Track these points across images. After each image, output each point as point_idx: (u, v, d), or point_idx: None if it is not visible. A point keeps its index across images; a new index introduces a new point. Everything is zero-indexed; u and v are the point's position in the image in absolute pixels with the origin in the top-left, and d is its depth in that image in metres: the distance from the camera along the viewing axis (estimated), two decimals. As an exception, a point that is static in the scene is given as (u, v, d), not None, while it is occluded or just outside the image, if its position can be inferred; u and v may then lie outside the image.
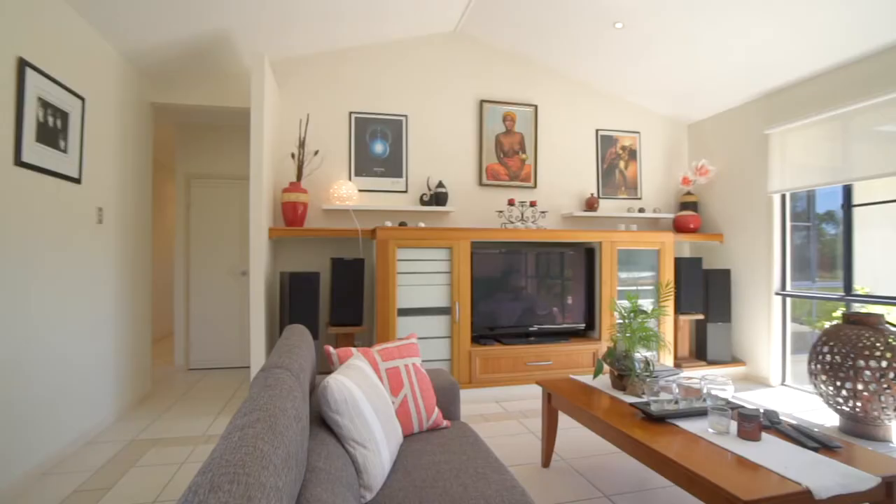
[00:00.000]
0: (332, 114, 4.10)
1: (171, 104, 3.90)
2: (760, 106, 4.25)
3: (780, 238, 4.14)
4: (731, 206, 4.55)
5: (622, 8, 3.48)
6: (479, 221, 4.41)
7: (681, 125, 5.12)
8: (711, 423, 1.84)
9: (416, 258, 3.74)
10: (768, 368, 4.13)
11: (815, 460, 1.58)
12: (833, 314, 5.05)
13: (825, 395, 3.08)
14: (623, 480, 2.44)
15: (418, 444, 1.91)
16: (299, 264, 3.96)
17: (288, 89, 4.02)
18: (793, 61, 3.65)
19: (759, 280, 4.24)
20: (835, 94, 3.61)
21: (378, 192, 4.20)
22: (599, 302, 4.19)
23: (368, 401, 1.69)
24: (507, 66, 4.56)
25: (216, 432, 3.07)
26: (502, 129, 4.58)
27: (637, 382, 2.37)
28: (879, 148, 3.42)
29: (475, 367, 3.81)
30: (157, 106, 3.93)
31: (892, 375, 2.80)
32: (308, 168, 3.87)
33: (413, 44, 4.31)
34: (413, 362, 2.17)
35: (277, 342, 1.73)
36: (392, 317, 3.62)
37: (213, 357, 4.79)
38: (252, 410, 0.91)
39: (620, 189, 4.95)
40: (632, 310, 2.50)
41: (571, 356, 4.04)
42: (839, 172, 3.65)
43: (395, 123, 4.26)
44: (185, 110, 4.14)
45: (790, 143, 4.01)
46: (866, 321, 3.01)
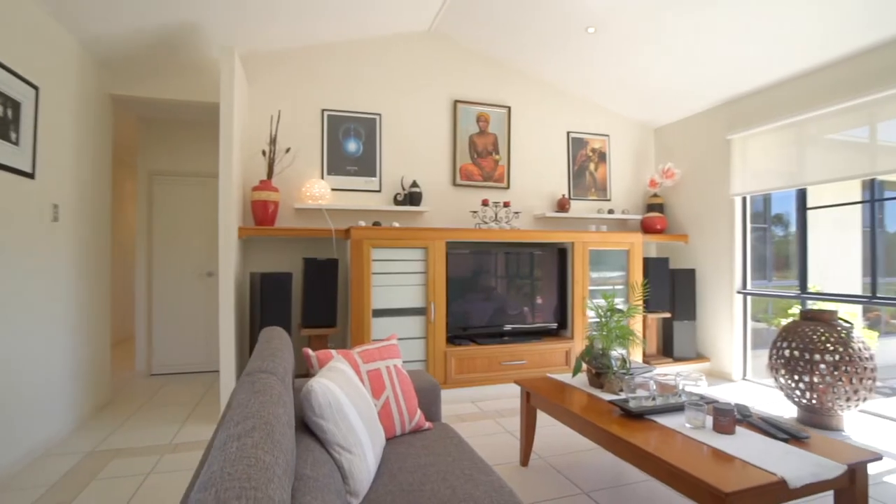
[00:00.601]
0: (305, 111, 4.01)
1: (133, 97, 3.71)
2: (723, 112, 4.42)
3: (741, 239, 4.33)
4: (696, 207, 4.72)
5: (595, 13, 3.55)
6: (454, 221, 4.41)
7: (648, 129, 5.27)
8: (688, 417, 1.90)
9: (391, 258, 3.70)
10: (730, 364, 4.30)
11: (786, 451, 1.65)
12: (788, 311, 5.32)
13: (785, 388, 3.23)
14: (600, 476, 2.48)
15: (402, 447, 1.88)
16: (270, 265, 3.85)
17: (258, 84, 3.90)
18: (753, 71, 3.82)
19: (722, 279, 4.42)
20: (791, 103, 3.80)
21: (351, 191, 4.13)
22: (572, 301, 4.27)
23: (353, 404, 1.65)
24: (481, 66, 4.58)
25: (185, 440, 2.94)
26: (476, 129, 4.60)
27: (614, 380, 2.41)
28: (829, 155, 3.62)
29: (450, 368, 3.80)
30: (118, 98, 3.74)
31: (844, 368, 2.97)
32: (279, 166, 3.77)
33: (387, 42, 4.26)
34: (394, 364, 2.15)
35: (258, 345, 1.67)
36: (367, 318, 3.57)
37: (178, 361, 4.59)
38: (246, 418, 0.87)
39: (591, 191, 5.05)
40: (609, 308, 2.55)
41: (545, 355, 4.10)
42: (795, 177, 3.85)
43: (368, 122, 4.20)
44: (148, 104, 3.95)
45: (750, 149, 4.20)
46: (821, 317, 3.18)
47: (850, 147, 3.51)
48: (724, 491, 1.38)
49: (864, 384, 2.98)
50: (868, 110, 3.36)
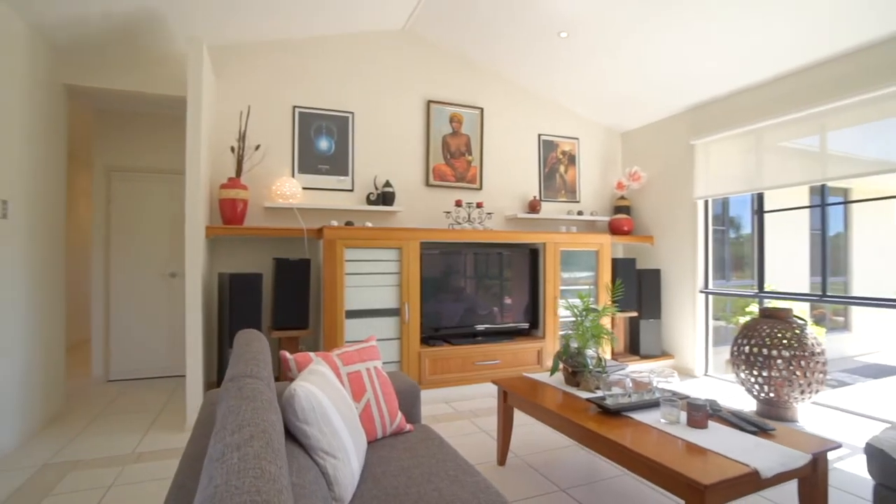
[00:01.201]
0: (275, 107, 3.90)
1: (90, 87, 3.50)
2: (687, 118, 4.60)
3: (704, 240, 4.51)
4: (661, 210, 4.89)
5: (567, 18, 3.62)
6: (427, 222, 4.40)
7: (615, 133, 5.42)
8: (663, 413, 1.96)
9: (365, 258, 3.66)
10: (693, 360, 4.47)
11: (755, 443, 1.73)
12: (745, 309, 5.59)
13: (745, 382, 3.39)
14: (576, 473, 2.53)
15: (384, 451, 1.86)
16: (239, 265, 3.73)
17: (227, 79, 3.77)
18: (715, 80, 3.99)
19: (686, 279, 4.59)
20: (750, 112, 3.99)
21: (323, 190, 4.05)
22: (543, 301, 4.33)
23: (336, 408, 1.62)
24: (455, 67, 4.58)
25: (149, 449, 2.80)
26: (449, 130, 4.60)
27: (590, 378, 2.46)
28: (784, 161, 3.83)
29: (425, 369, 3.79)
30: (73, 89, 3.53)
31: (799, 363, 3.14)
32: (248, 163, 3.65)
33: (361, 39, 4.21)
34: (374, 365, 2.12)
35: (236, 349, 1.61)
36: (340, 319, 3.51)
37: (138, 366, 4.38)
38: (241, 426, 0.83)
39: (560, 192, 5.14)
40: (584, 308, 2.60)
41: (518, 355, 4.14)
42: (753, 182, 4.04)
43: (341, 120, 4.13)
44: (107, 95, 3.75)
45: (712, 154, 4.38)
46: (778, 315, 3.35)
47: (804, 155, 3.72)
48: (703, 483, 1.43)
49: (816, 377, 3.16)
50: (819, 120, 3.57)
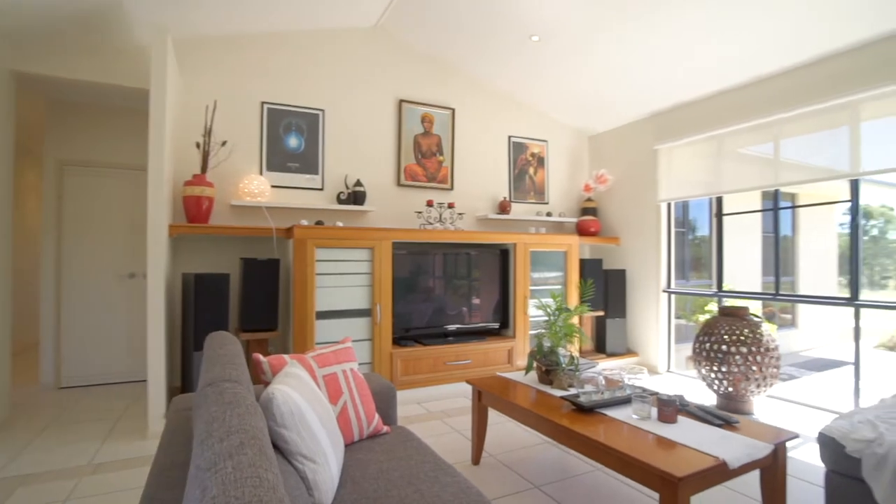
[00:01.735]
0: (243, 102, 3.79)
1: (41, 75, 3.30)
2: (651, 124, 4.76)
3: (667, 242, 4.68)
4: (626, 212, 5.04)
5: (539, 23, 3.68)
6: (398, 222, 4.37)
7: (583, 136, 5.55)
8: (635, 409, 2.02)
9: (336, 258, 3.60)
10: (657, 357, 4.63)
11: (722, 436, 1.81)
12: (705, 308, 5.83)
13: (706, 378, 3.54)
14: (549, 470, 2.57)
15: (361, 454, 1.84)
16: (204, 265, 3.59)
17: (192, 72, 3.62)
18: (677, 87, 4.15)
19: (650, 279, 4.74)
20: (710, 119, 4.17)
21: (292, 188, 3.96)
22: (514, 301, 4.38)
23: (314, 411, 1.59)
24: (427, 67, 4.58)
25: (107, 459, 2.66)
26: (420, 129, 4.59)
27: (563, 376, 2.51)
28: (741, 167, 4.02)
29: (397, 370, 3.76)
30: (23, 76, 3.31)
31: (755, 358, 3.30)
32: (215, 160, 3.53)
33: (332, 36, 4.14)
34: (351, 367, 2.09)
35: (210, 352, 1.55)
36: (310, 320, 3.44)
37: (93, 372, 4.15)
38: (230, 433, 0.80)
39: (530, 194, 5.22)
40: (557, 307, 2.65)
41: (489, 354, 4.18)
42: (712, 186, 4.22)
43: (311, 117, 4.05)
44: (61, 85, 3.54)
45: (675, 159, 4.55)
46: (736, 313, 3.51)
47: (759, 161, 3.91)
48: (677, 476, 1.48)
49: (770, 372, 3.33)
50: (772, 129, 3.77)
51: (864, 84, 3.19)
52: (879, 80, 3.12)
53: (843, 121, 3.37)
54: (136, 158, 4.19)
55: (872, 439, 1.90)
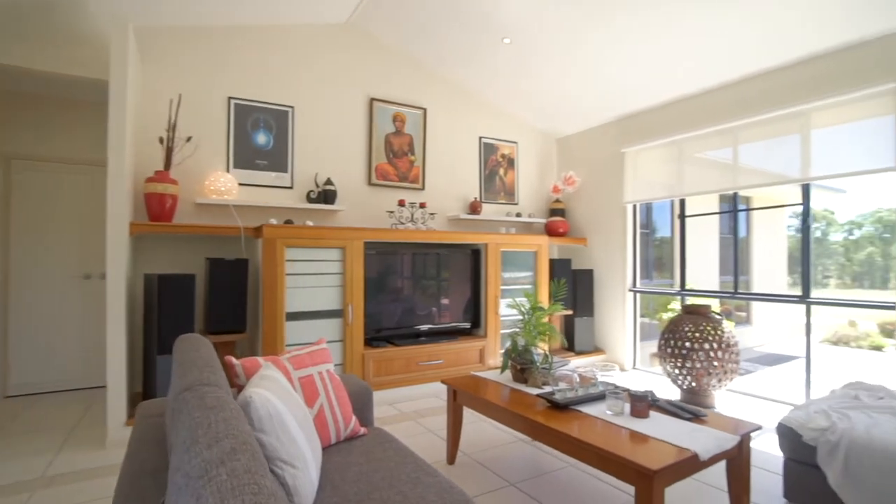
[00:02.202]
0: (209, 97, 3.66)
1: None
2: (618, 127, 4.89)
3: (632, 242, 4.82)
4: (594, 213, 5.16)
5: (510, 25, 3.72)
6: (369, 221, 4.33)
7: (552, 138, 5.65)
8: (609, 405, 2.07)
9: (307, 258, 3.53)
10: (623, 355, 4.77)
11: (692, 429, 1.88)
12: (668, 307, 6.05)
13: (671, 374, 3.66)
14: (523, 467, 2.61)
15: (340, 456, 1.81)
16: (168, 265, 3.44)
17: (155, 64, 3.47)
18: (642, 93, 4.28)
19: (616, 278, 4.88)
20: (673, 124, 4.33)
21: (261, 186, 3.86)
22: (485, 301, 4.42)
23: (292, 414, 1.55)
24: (399, 66, 4.55)
25: (63, 471, 2.51)
26: (392, 129, 4.56)
27: (537, 374, 2.55)
28: (703, 171, 4.19)
29: (368, 370, 3.73)
30: (-37, 64, 3.09)
31: (717, 354, 3.45)
32: (179, 156, 3.39)
33: (303, 31, 4.05)
34: (327, 369, 2.06)
35: (182, 355, 1.49)
36: (280, 321, 3.36)
37: (43, 379, 3.91)
38: (218, 439, 0.77)
39: (500, 194, 5.27)
40: (532, 306, 2.69)
41: (461, 354, 4.19)
42: (676, 188, 4.38)
43: (280, 114, 3.96)
44: (9, 74, 3.32)
45: (640, 161, 4.70)
46: (699, 311, 3.66)
47: (719, 165, 4.09)
48: (652, 469, 1.53)
49: (730, 367, 3.49)
50: (732, 134, 3.94)
51: (814, 94, 3.39)
52: (828, 91, 3.32)
53: (795, 128, 3.57)
54: (93, 153, 3.98)
55: (826, 428, 2.02)
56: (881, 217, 8.37)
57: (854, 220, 8.48)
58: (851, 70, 3.21)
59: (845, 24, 3.03)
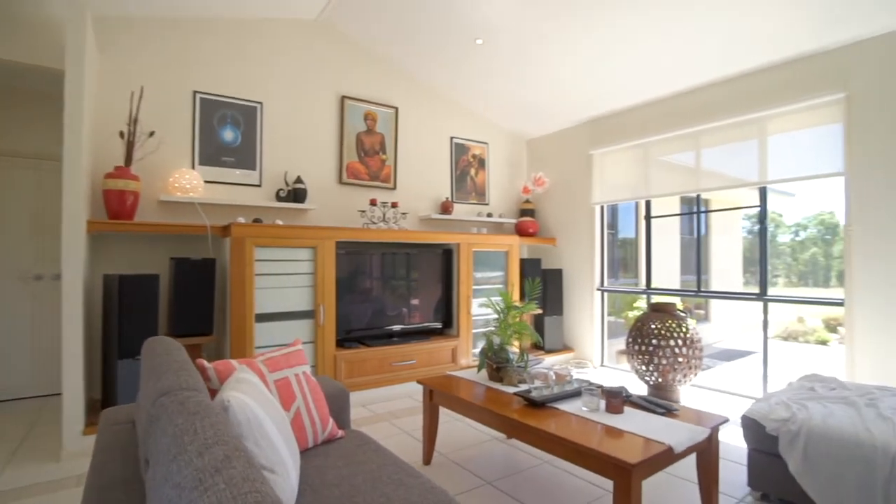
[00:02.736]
0: (173, 91, 3.51)
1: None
2: (586, 130, 5.00)
3: (600, 242, 4.94)
4: (563, 213, 5.26)
5: (483, 26, 3.74)
6: (340, 220, 4.26)
7: (522, 140, 5.72)
8: (585, 402, 2.11)
9: (277, 258, 3.45)
10: (591, 352, 4.88)
11: (665, 423, 1.94)
12: (633, 305, 6.22)
13: (638, 370, 3.77)
14: (499, 466, 2.62)
15: (318, 460, 1.77)
16: (129, 265, 3.28)
17: (115, 54, 3.30)
18: (610, 96, 4.40)
19: (585, 278, 4.99)
20: (639, 128, 4.46)
21: (228, 184, 3.74)
22: (457, 301, 4.43)
23: (270, 418, 1.51)
24: (371, 64, 4.50)
25: (13, 486, 2.34)
26: (363, 127, 4.51)
27: (513, 373, 2.57)
28: (668, 173, 4.34)
29: (341, 372, 3.67)
30: None
31: (682, 350, 3.58)
32: (140, 151, 3.24)
33: (272, 26, 3.95)
34: (303, 370, 2.01)
35: (152, 359, 1.42)
36: (249, 323, 3.26)
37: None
38: (208, 446, 0.74)
39: (471, 195, 5.30)
40: (507, 305, 2.71)
41: (433, 354, 4.18)
42: (641, 190, 4.52)
43: (248, 110, 3.84)
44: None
45: (608, 164, 4.82)
46: (665, 309, 3.78)
47: (683, 168, 4.24)
48: (631, 463, 1.57)
49: (694, 363, 3.62)
50: (695, 139, 4.10)
51: (771, 102, 3.57)
52: (784, 99, 3.50)
53: (753, 134, 3.74)
54: (46, 147, 3.75)
55: (787, 418, 2.12)
56: (823, 220, 8.93)
57: (800, 222, 9.00)
58: (805, 80, 3.40)
59: (800, 37, 3.20)
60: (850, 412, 2.11)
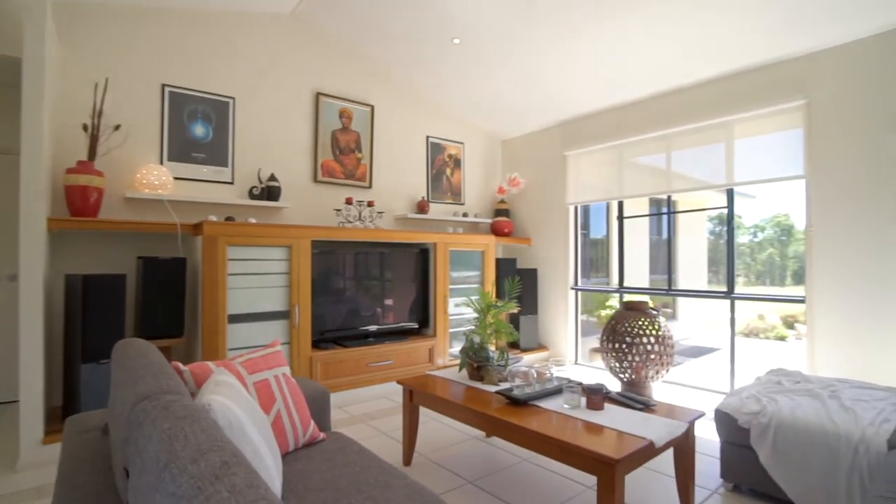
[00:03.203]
0: (141, 83, 3.36)
1: None
2: (560, 131, 5.07)
3: (574, 242, 5.02)
4: (537, 214, 5.32)
5: (461, 26, 3.74)
6: (315, 219, 4.19)
7: (497, 140, 5.75)
8: (566, 399, 2.14)
9: (251, 257, 3.36)
10: (566, 350, 4.95)
11: (645, 418, 1.98)
12: (606, 304, 6.35)
13: (612, 368, 3.85)
14: (479, 465, 2.63)
15: (300, 464, 1.73)
16: (93, 265, 3.12)
17: (78, 44, 3.13)
18: (584, 98, 4.48)
19: (559, 277, 5.06)
20: (613, 129, 4.56)
21: (199, 181, 3.61)
22: (434, 300, 4.41)
23: (252, 422, 1.47)
24: (347, 61, 4.44)
25: (-33, 498, 2.21)
26: (339, 125, 4.44)
27: (493, 371, 2.58)
28: (640, 175, 4.45)
29: (317, 373, 3.60)
30: None
31: (655, 347, 3.67)
32: (105, 146, 3.09)
33: (246, 19, 3.84)
34: (283, 372, 1.96)
35: (126, 362, 1.36)
36: (222, 324, 3.17)
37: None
38: (202, 452, 0.71)
39: (447, 194, 5.30)
40: (486, 304, 2.72)
41: (410, 354, 4.16)
42: (615, 191, 4.61)
43: (220, 105, 3.73)
44: None
45: (582, 165, 4.90)
46: (639, 307, 3.87)
47: (654, 170, 4.36)
48: (615, 458, 1.59)
49: (666, 359, 3.72)
50: (666, 141, 4.22)
51: (737, 107, 3.70)
52: (749, 104, 3.64)
53: (721, 138, 3.87)
54: (4, 140, 3.54)
55: (758, 411, 2.21)
56: (779, 221, 9.36)
57: (758, 224, 9.42)
58: (768, 86, 3.54)
59: (763, 46, 3.33)
60: (815, 404, 2.21)
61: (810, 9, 2.91)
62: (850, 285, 3.15)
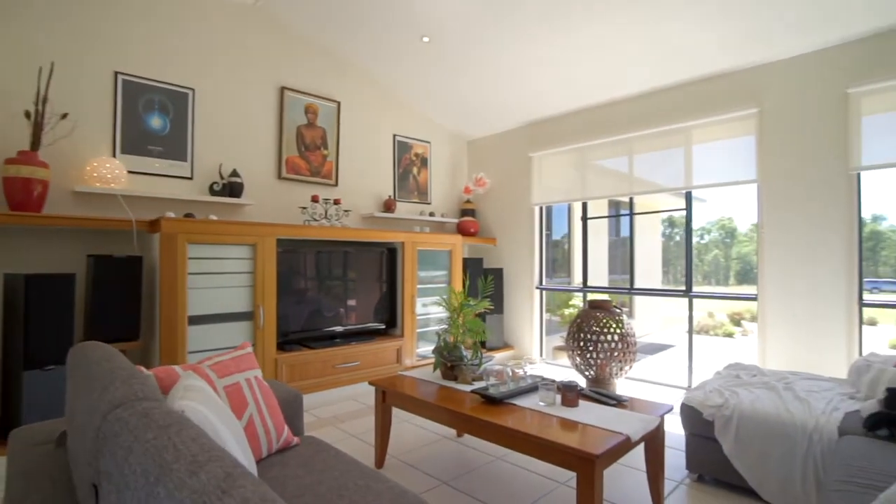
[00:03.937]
0: (90, 69, 3.14)
1: None
2: (526, 132, 5.14)
3: (539, 243, 5.10)
4: (503, 214, 5.37)
5: (430, 24, 3.72)
6: (280, 217, 4.06)
7: (463, 140, 5.77)
8: (542, 397, 2.16)
9: (213, 256, 3.21)
10: (531, 349, 5.02)
11: (619, 414, 2.03)
12: (569, 303, 6.49)
13: (578, 365, 3.93)
14: (453, 465, 2.62)
15: (275, 470, 1.66)
16: (37, 264, 2.87)
17: (17, 24, 2.87)
18: (548, 101, 4.56)
19: (524, 277, 5.12)
20: (577, 132, 4.66)
21: (155, 175, 3.42)
22: (402, 300, 4.37)
23: (227, 428, 1.40)
24: (313, 56, 4.32)
25: None
26: (304, 121, 4.33)
27: (466, 371, 2.58)
28: (603, 177, 4.58)
29: (282, 376, 3.49)
30: None
31: (619, 345, 3.78)
32: (51, 135, 2.86)
33: (206, 7, 3.66)
34: (254, 375, 1.88)
35: (88, 368, 1.25)
36: (182, 326, 3.01)
37: None
38: (199, 464, 0.65)
39: (413, 193, 5.26)
40: (460, 303, 2.71)
41: (378, 355, 4.10)
42: (579, 192, 4.72)
43: (178, 96, 3.54)
44: None
45: (546, 166, 4.99)
46: (603, 306, 3.97)
47: (617, 173, 4.49)
48: (594, 454, 1.62)
49: (629, 356, 3.84)
50: (628, 145, 4.35)
51: (695, 113, 3.87)
52: (706, 111, 3.81)
53: (680, 143, 4.04)
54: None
55: (721, 404, 2.31)
56: (724, 224, 9.90)
57: (704, 226, 9.93)
58: (724, 95, 3.73)
59: (718, 55, 3.50)
60: (772, 396, 2.34)
61: (767, 21, 3.08)
62: (794, 284, 3.37)
